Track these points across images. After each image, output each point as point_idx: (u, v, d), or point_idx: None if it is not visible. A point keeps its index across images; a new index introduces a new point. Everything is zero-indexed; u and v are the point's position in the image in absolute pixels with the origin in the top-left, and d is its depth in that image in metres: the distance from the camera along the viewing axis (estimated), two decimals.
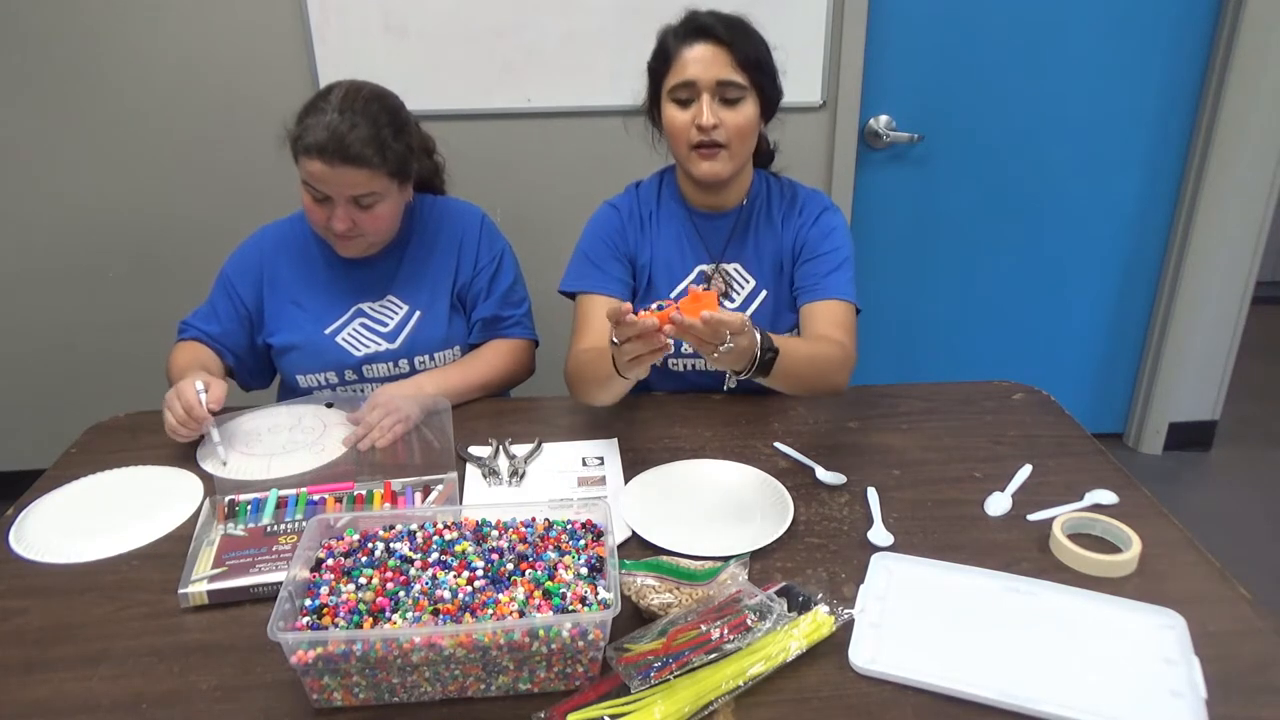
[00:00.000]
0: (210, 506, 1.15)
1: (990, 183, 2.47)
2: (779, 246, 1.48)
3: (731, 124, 1.34)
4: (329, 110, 1.33)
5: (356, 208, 1.37)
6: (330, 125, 1.31)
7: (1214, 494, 2.62)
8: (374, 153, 1.33)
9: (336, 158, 1.31)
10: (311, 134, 1.31)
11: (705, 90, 1.33)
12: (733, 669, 0.86)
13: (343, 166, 1.32)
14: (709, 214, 1.48)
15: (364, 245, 1.45)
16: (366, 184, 1.35)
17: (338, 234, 1.39)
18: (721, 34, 1.32)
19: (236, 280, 1.51)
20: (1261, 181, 2.43)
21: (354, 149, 1.31)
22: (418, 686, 0.86)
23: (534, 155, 2.32)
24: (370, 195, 1.37)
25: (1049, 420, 1.40)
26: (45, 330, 2.42)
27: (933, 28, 2.30)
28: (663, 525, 1.11)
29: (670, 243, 1.49)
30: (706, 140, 1.34)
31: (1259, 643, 0.93)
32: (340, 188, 1.34)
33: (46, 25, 2.12)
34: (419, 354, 1.51)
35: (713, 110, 1.33)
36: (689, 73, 1.33)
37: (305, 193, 1.38)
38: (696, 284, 1.48)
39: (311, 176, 1.34)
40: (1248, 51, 2.28)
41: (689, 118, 1.34)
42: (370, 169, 1.34)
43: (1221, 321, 2.60)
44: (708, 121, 1.32)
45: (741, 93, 1.33)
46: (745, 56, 1.32)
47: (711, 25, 1.32)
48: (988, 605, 0.98)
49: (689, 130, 1.35)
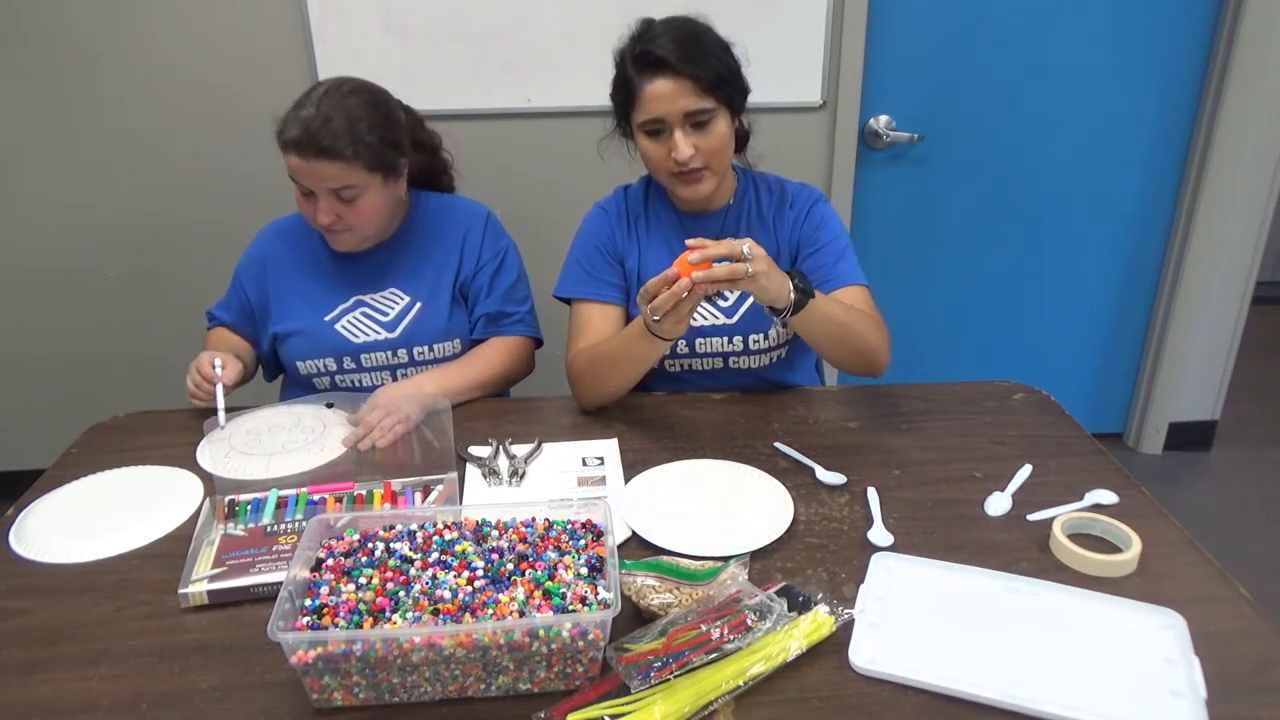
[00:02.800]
0: (210, 506, 1.15)
1: (990, 183, 2.47)
2: (773, 242, 1.48)
3: (706, 147, 1.34)
4: (308, 105, 1.35)
5: (338, 201, 1.38)
6: (304, 120, 1.34)
7: (1214, 494, 2.62)
8: (346, 145, 1.34)
9: (310, 151, 1.33)
10: (289, 129, 1.34)
11: (674, 124, 1.32)
12: (733, 669, 0.86)
13: (316, 160, 1.34)
14: (697, 215, 1.49)
15: (355, 239, 1.46)
16: (342, 176, 1.36)
17: (324, 227, 1.41)
18: (678, 65, 1.29)
19: (243, 274, 1.55)
20: (1261, 181, 2.43)
21: (324, 142, 1.33)
22: (418, 686, 0.86)
23: (534, 155, 2.32)
24: (349, 188, 1.38)
25: (1049, 420, 1.40)
26: (45, 330, 2.42)
27: (933, 28, 2.30)
28: (663, 525, 1.11)
29: (660, 245, 1.49)
30: (685, 169, 1.35)
31: (1259, 643, 0.93)
32: (317, 180, 1.36)
33: (46, 25, 2.12)
34: (418, 344, 1.51)
35: (685, 141, 1.32)
36: (655, 110, 1.32)
37: (295, 187, 1.40)
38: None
39: (291, 170, 1.37)
40: (1248, 51, 2.28)
41: (664, 150, 1.34)
42: (344, 161, 1.35)
43: (1221, 321, 2.60)
44: (683, 155, 1.33)
45: (709, 115, 1.33)
46: (707, 79, 1.30)
47: (666, 57, 1.29)
48: (988, 605, 0.98)
49: (666, 161, 1.35)
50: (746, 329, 1.47)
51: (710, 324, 1.48)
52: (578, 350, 1.44)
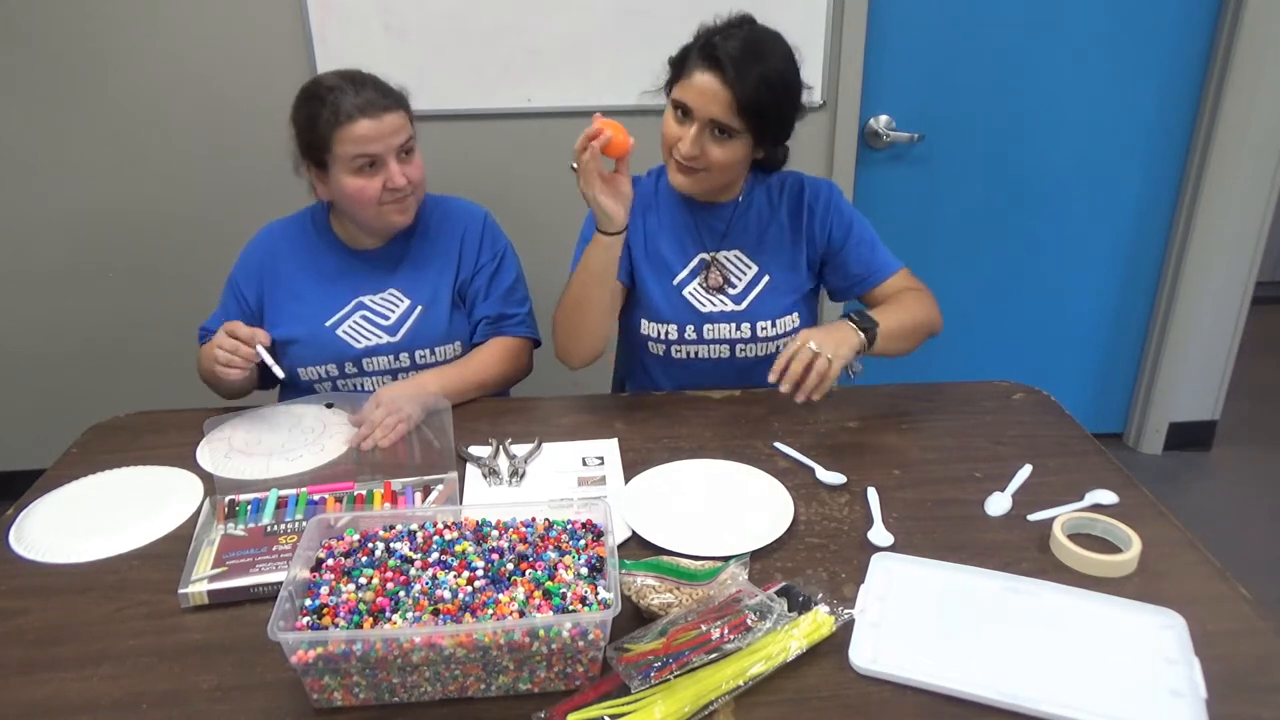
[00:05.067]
0: (210, 506, 1.15)
1: (990, 183, 2.47)
2: (787, 236, 1.50)
3: (714, 157, 1.35)
4: (337, 86, 1.38)
5: (403, 161, 1.42)
6: (357, 87, 1.38)
7: (1214, 494, 2.62)
8: (396, 98, 1.42)
9: (378, 108, 1.38)
10: (344, 104, 1.36)
11: (698, 120, 1.33)
12: (733, 669, 0.86)
13: (386, 114, 1.38)
14: (707, 205, 1.50)
15: (414, 204, 1.49)
16: (406, 126, 1.42)
17: (398, 190, 1.42)
18: (729, 72, 1.29)
19: (241, 281, 1.54)
20: (1261, 181, 2.43)
21: (386, 96, 1.40)
22: (418, 686, 0.86)
23: (534, 155, 2.31)
24: (409, 139, 1.44)
25: (1049, 420, 1.40)
26: (45, 330, 2.42)
27: (933, 27, 2.29)
28: (663, 525, 1.11)
29: (669, 234, 1.51)
30: (684, 160, 1.37)
31: (1259, 643, 0.93)
32: (390, 139, 1.39)
33: (46, 26, 2.12)
34: (420, 348, 1.51)
35: (698, 141, 1.34)
36: (689, 98, 1.33)
37: (349, 176, 1.40)
38: (697, 273, 1.50)
39: (361, 141, 1.37)
40: (1248, 51, 2.28)
41: (678, 134, 1.36)
42: (403, 109, 1.43)
43: (1221, 321, 2.60)
44: (688, 152, 1.35)
45: (732, 133, 1.34)
46: (747, 101, 1.30)
47: (723, 61, 1.30)
48: (988, 605, 0.98)
49: (675, 144, 1.37)
50: (755, 315, 1.49)
51: (719, 310, 1.49)
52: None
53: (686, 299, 1.50)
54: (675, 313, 1.50)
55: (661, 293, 1.50)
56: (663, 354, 1.52)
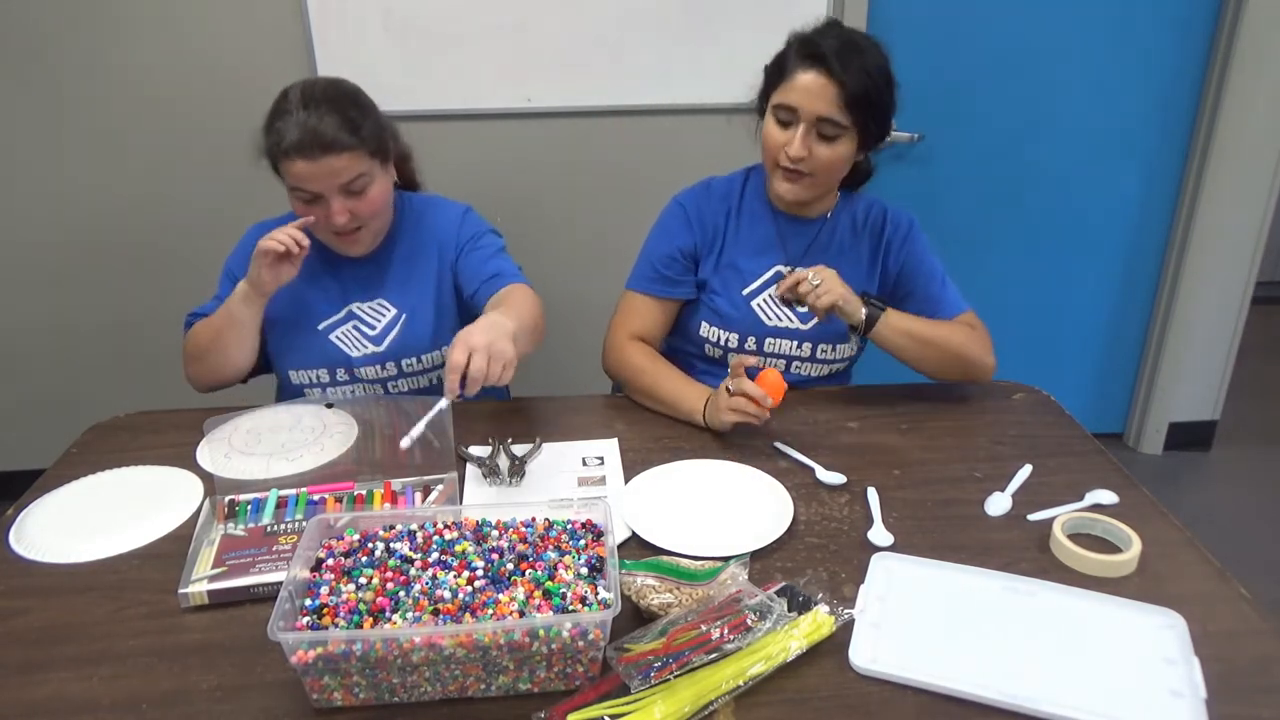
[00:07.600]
0: (210, 506, 1.15)
1: (990, 183, 2.47)
2: (862, 260, 1.51)
3: (822, 158, 1.35)
4: (293, 110, 1.33)
5: (349, 196, 1.37)
6: (300, 122, 1.31)
7: (1214, 494, 2.62)
8: (349, 134, 1.33)
9: (316, 149, 1.31)
10: (285, 136, 1.31)
11: (805, 120, 1.33)
12: (733, 669, 0.86)
13: (324, 157, 1.32)
14: (794, 219, 1.50)
15: (368, 238, 1.44)
16: (352, 166, 1.34)
17: (339, 230, 1.38)
18: (834, 67, 1.30)
19: (239, 272, 1.49)
20: (1261, 181, 2.44)
21: (328, 135, 1.31)
22: (418, 686, 0.86)
23: (534, 155, 2.31)
24: (359, 178, 1.36)
25: (1049, 420, 1.40)
26: (45, 330, 2.42)
27: (933, 28, 2.29)
28: (663, 525, 1.11)
29: (750, 240, 1.50)
30: (792, 166, 1.36)
31: (1259, 643, 0.93)
32: (329, 179, 1.34)
33: (46, 25, 2.12)
34: (406, 357, 1.50)
35: (806, 143, 1.34)
36: (793, 99, 1.33)
37: (295, 201, 1.38)
38: (772, 284, 1.49)
39: (298, 178, 1.34)
40: (1248, 51, 2.28)
41: (784, 139, 1.36)
42: (350, 151, 1.34)
43: (1221, 321, 2.60)
44: (796, 153, 1.34)
45: (840, 130, 1.34)
46: (854, 94, 1.31)
47: (827, 55, 1.30)
48: (988, 605, 0.98)
49: (780, 151, 1.37)
50: (818, 338, 1.48)
51: (784, 325, 1.49)
52: (626, 338, 1.48)
53: (754, 310, 1.49)
54: (740, 322, 1.49)
55: (729, 300, 1.49)
56: (719, 358, 1.52)
